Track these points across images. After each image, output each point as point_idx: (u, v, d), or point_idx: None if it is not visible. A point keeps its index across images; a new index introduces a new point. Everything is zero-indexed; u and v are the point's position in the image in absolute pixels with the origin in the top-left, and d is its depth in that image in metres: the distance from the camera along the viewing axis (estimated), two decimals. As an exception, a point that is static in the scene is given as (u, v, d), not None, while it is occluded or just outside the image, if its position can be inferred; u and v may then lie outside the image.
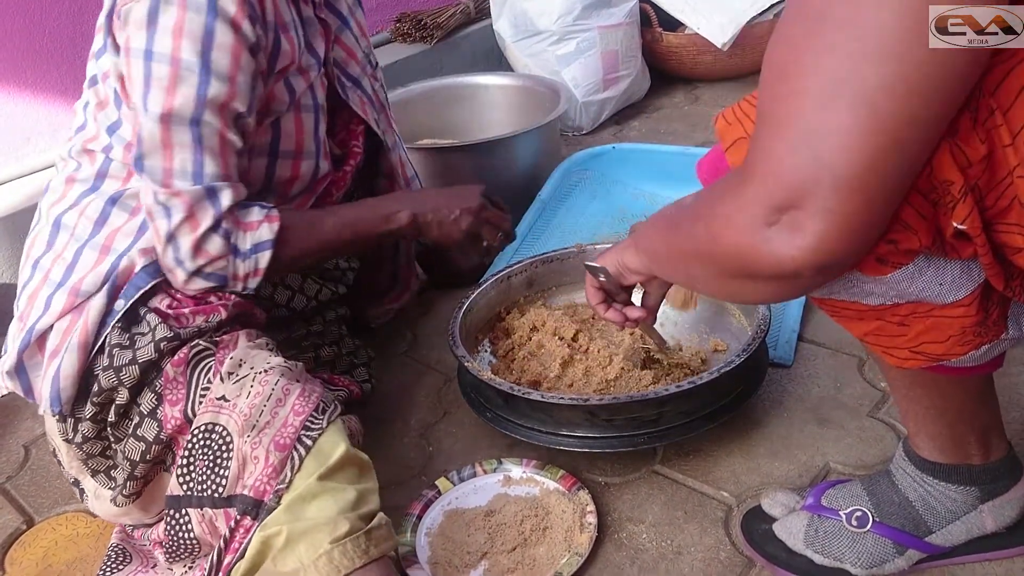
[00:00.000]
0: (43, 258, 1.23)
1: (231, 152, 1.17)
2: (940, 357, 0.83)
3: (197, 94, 1.12)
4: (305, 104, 1.30)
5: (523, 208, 1.92)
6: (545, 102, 2.14)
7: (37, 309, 1.20)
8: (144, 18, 1.11)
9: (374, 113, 1.48)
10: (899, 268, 0.74)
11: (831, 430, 1.33)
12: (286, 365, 1.10)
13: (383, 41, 2.70)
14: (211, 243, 1.16)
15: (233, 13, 1.12)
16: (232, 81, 1.14)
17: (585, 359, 1.40)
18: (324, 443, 1.03)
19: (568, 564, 1.13)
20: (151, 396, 1.13)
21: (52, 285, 1.20)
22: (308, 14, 1.30)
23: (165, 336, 1.13)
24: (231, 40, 1.13)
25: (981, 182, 0.69)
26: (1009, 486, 1.03)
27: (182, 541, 1.08)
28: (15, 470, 1.47)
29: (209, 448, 1.06)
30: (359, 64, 1.45)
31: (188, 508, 1.07)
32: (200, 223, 1.15)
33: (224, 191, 1.16)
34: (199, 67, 1.12)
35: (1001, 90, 0.67)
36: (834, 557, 1.05)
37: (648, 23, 2.69)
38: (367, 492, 1.04)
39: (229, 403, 1.06)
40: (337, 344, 1.45)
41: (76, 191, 1.24)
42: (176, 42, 1.10)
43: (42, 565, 1.27)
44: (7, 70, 1.95)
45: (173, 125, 1.12)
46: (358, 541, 0.98)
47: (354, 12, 1.46)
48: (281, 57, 1.23)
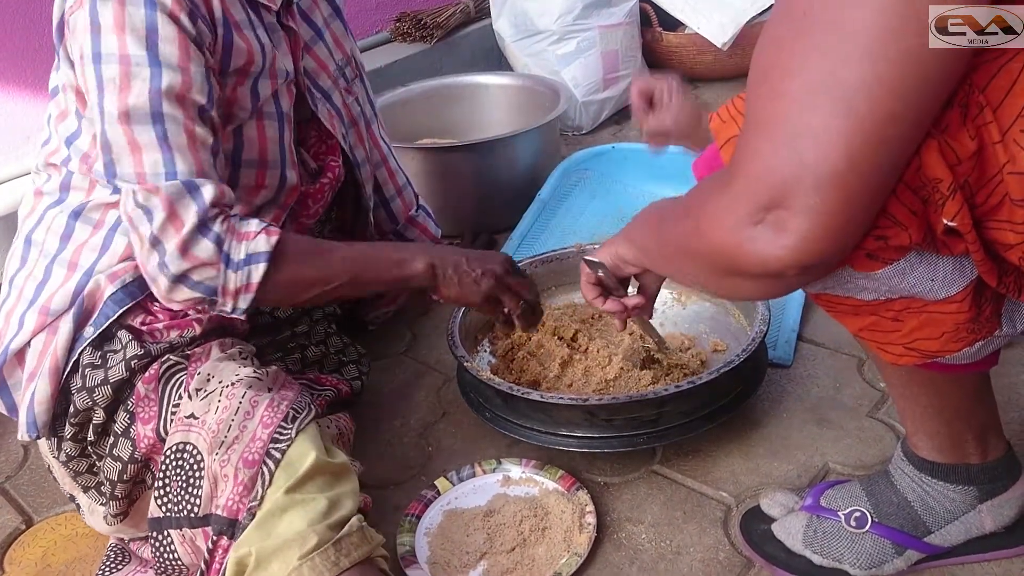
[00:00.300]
0: (17, 276, 1.22)
1: (201, 148, 1.10)
2: (934, 354, 0.83)
3: (151, 87, 1.07)
4: (268, 112, 1.26)
5: (522, 208, 1.92)
6: (545, 102, 2.14)
7: (12, 328, 1.19)
8: (87, 22, 1.07)
9: (342, 128, 1.43)
10: (890, 264, 0.75)
11: (830, 430, 1.33)
12: (255, 375, 1.08)
13: (382, 40, 2.70)
14: (199, 246, 1.07)
15: (170, 6, 1.08)
16: (185, 71, 1.09)
17: (584, 359, 1.40)
18: (293, 454, 1.01)
19: (567, 564, 1.13)
20: (124, 415, 1.12)
21: (25, 303, 1.19)
22: (269, 20, 1.25)
23: (136, 354, 1.12)
24: (174, 31, 1.08)
25: (971, 179, 0.69)
26: (1008, 486, 1.03)
27: (168, 562, 1.08)
28: (14, 470, 1.47)
29: (181, 468, 1.04)
30: (330, 77, 1.41)
31: (168, 529, 1.06)
32: (184, 221, 1.06)
33: (205, 186, 1.08)
34: (148, 60, 1.07)
35: (991, 87, 0.67)
36: (833, 557, 1.05)
37: (648, 23, 2.69)
38: (340, 497, 1.02)
39: (198, 420, 1.05)
40: (324, 343, 1.44)
41: (43, 204, 1.22)
42: (120, 38, 1.07)
43: (41, 565, 1.27)
44: (7, 69, 1.96)
45: (134, 124, 1.07)
46: (327, 554, 0.97)
47: (330, 24, 1.42)
48: (235, 55, 1.18)
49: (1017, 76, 0.67)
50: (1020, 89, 0.67)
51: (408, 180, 1.68)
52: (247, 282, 1.10)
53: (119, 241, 1.18)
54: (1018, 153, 0.67)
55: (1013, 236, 0.70)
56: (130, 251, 1.17)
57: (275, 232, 1.11)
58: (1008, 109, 0.67)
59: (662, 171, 2.01)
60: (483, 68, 2.69)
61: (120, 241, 1.18)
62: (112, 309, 1.15)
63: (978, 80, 0.68)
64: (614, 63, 2.53)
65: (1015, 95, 0.67)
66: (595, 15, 2.47)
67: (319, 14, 1.40)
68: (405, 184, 1.66)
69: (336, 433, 1.27)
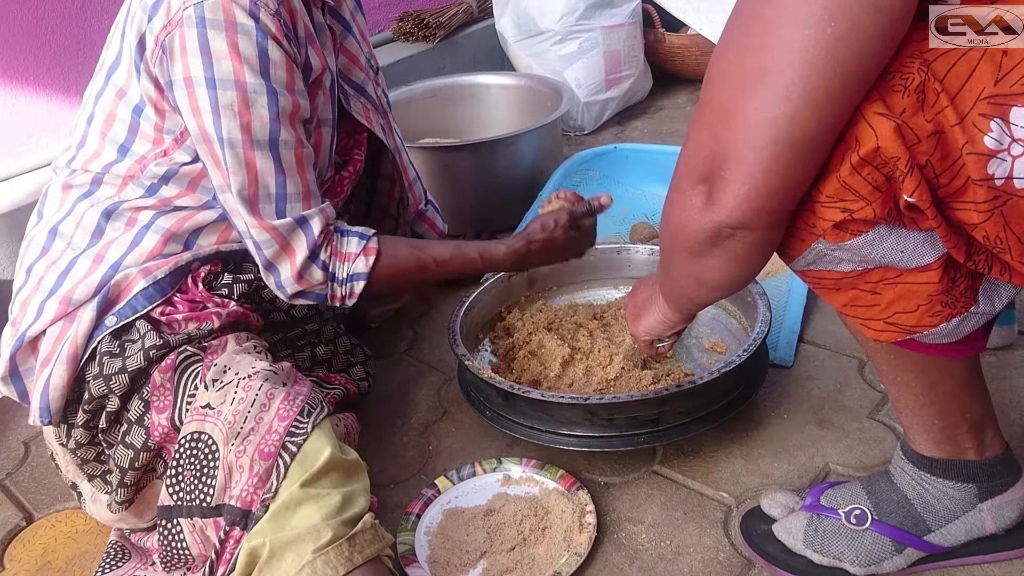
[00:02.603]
0: (37, 264, 1.23)
1: (308, 167, 1.19)
2: (912, 328, 0.85)
3: (269, 113, 1.13)
4: (324, 119, 1.30)
5: (524, 208, 1.92)
6: (547, 102, 2.14)
7: (30, 315, 1.20)
8: (195, 47, 1.10)
9: (378, 119, 1.47)
10: (859, 235, 0.79)
11: (831, 431, 1.33)
12: (271, 369, 1.10)
13: (385, 40, 2.70)
14: (311, 273, 1.20)
15: (275, 30, 1.12)
16: (292, 92, 1.15)
17: (585, 359, 1.40)
18: (309, 448, 1.02)
19: (567, 564, 1.13)
20: (139, 403, 1.13)
21: (45, 291, 1.20)
22: (319, 21, 1.29)
23: (155, 344, 1.13)
24: (281, 55, 1.13)
25: (934, 160, 0.74)
26: (1007, 485, 1.03)
27: (175, 551, 1.08)
28: (15, 467, 1.47)
29: (196, 458, 1.05)
30: (363, 70, 1.44)
31: (179, 518, 1.07)
32: (296, 252, 1.19)
33: (314, 219, 1.19)
34: (265, 88, 1.12)
35: (950, 75, 0.72)
36: (833, 556, 1.05)
37: (651, 24, 2.69)
38: (354, 494, 1.03)
39: (214, 411, 1.06)
40: (333, 342, 1.45)
41: (72, 197, 1.24)
42: (236, 66, 1.10)
43: (42, 561, 1.27)
44: (10, 67, 1.96)
45: (252, 149, 1.13)
46: (341, 549, 0.97)
47: (355, 17, 1.44)
48: (313, 70, 1.23)
49: (977, 63, 0.71)
50: (979, 75, 0.71)
51: (418, 174, 1.70)
52: (351, 292, 1.24)
53: (150, 238, 1.20)
54: (976, 135, 0.71)
55: (976, 215, 0.74)
56: (159, 249, 1.21)
57: (372, 250, 1.24)
58: (967, 94, 0.71)
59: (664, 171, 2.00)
60: (485, 68, 2.69)
61: (151, 239, 1.20)
62: (142, 304, 1.17)
63: (937, 69, 0.72)
64: (616, 63, 2.53)
65: (975, 80, 0.71)
66: (597, 15, 2.47)
67: (346, 7, 1.42)
68: (416, 178, 1.68)
69: (344, 432, 1.28)
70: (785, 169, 0.76)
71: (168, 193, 1.21)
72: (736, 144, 0.76)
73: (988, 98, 0.71)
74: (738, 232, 0.81)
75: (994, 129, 0.71)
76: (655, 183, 2.00)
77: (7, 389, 1.22)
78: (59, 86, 2.02)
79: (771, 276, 1.65)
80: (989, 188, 0.73)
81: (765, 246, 0.84)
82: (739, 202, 0.78)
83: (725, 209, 0.79)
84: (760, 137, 0.74)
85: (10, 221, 1.83)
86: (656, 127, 2.57)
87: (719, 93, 0.78)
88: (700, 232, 0.83)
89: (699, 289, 0.95)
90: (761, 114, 0.74)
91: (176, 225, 1.21)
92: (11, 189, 1.93)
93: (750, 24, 0.75)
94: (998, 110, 0.70)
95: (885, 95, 0.74)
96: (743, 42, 0.75)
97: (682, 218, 0.85)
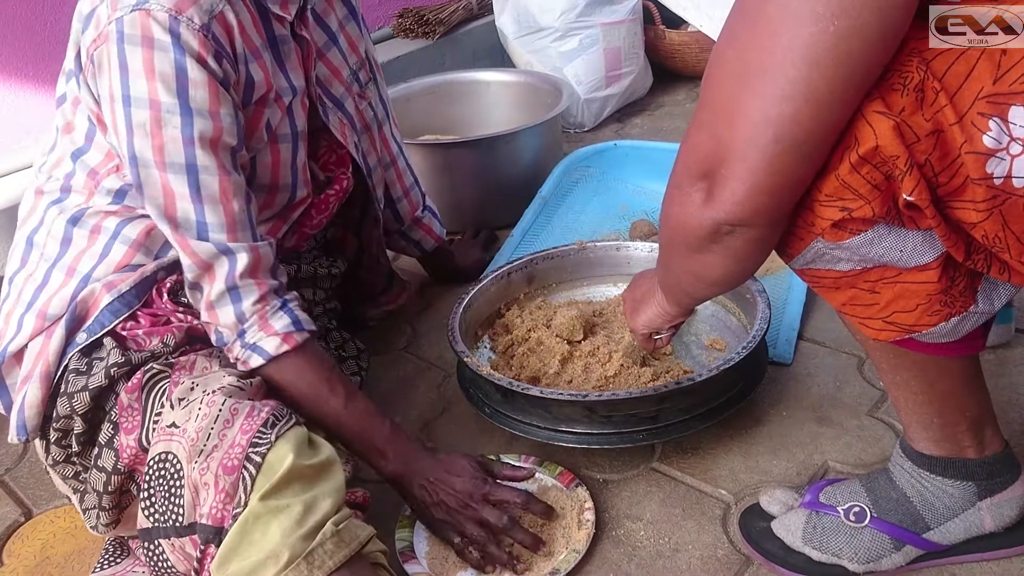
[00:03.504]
0: (17, 276, 1.22)
1: (234, 199, 1.12)
2: (911, 327, 0.85)
3: (183, 135, 1.08)
4: (282, 134, 1.25)
5: (524, 205, 1.92)
6: (547, 99, 2.14)
7: (11, 329, 1.19)
8: (116, 63, 1.06)
9: (354, 136, 1.42)
10: (858, 235, 0.79)
11: (830, 429, 1.33)
12: (237, 384, 1.06)
13: (385, 36, 2.70)
14: (223, 311, 1.13)
15: (197, 49, 1.07)
16: (215, 115, 1.09)
17: (584, 356, 1.40)
18: (272, 458, 0.98)
19: (565, 560, 1.13)
20: (108, 426, 1.11)
21: (23, 305, 1.19)
22: (281, 33, 1.23)
23: (117, 362, 1.11)
24: (203, 75, 1.08)
25: (933, 159, 0.73)
26: (1007, 484, 1.03)
27: (163, 570, 1.07)
28: (14, 462, 1.47)
29: (163, 479, 1.03)
30: (343, 84, 1.39)
31: (158, 539, 1.05)
32: (215, 278, 1.12)
33: (240, 252, 1.12)
34: (179, 108, 1.07)
35: (949, 74, 0.71)
36: (832, 552, 1.05)
37: (651, 20, 2.68)
38: (316, 500, 0.98)
39: (179, 429, 1.03)
40: (324, 338, 1.43)
41: (43, 203, 1.22)
42: (151, 83, 1.06)
43: (40, 557, 1.27)
44: (9, 64, 1.95)
45: (168, 172, 1.08)
46: (299, 569, 0.95)
47: (345, 26, 1.40)
48: (256, 88, 1.18)
49: (976, 62, 0.71)
50: (978, 74, 0.71)
51: (416, 180, 1.68)
52: (245, 361, 1.14)
53: (117, 249, 1.18)
54: (975, 134, 0.71)
55: (975, 214, 0.74)
56: (127, 260, 1.18)
57: (293, 342, 1.14)
58: (966, 93, 0.71)
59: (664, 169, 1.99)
60: (485, 65, 2.68)
61: (119, 249, 1.19)
62: (108, 319, 1.15)
63: (936, 68, 0.72)
64: (617, 60, 2.53)
65: (973, 79, 0.71)
66: (598, 12, 2.47)
67: (334, 17, 1.37)
68: (413, 184, 1.66)
69: None
70: (786, 167, 0.76)
71: (131, 203, 1.19)
72: (737, 142, 0.76)
73: (987, 97, 0.71)
74: (737, 229, 0.81)
75: (993, 128, 0.71)
76: (655, 180, 2.00)
77: None
78: (58, 82, 2.02)
79: (771, 273, 1.64)
80: (988, 187, 0.73)
81: (764, 243, 0.84)
82: (739, 199, 0.78)
83: (725, 206, 0.79)
84: (761, 135, 0.74)
85: (11, 216, 1.83)
86: (656, 124, 2.57)
87: (720, 90, 0.78)
88: (699, 229, 0.83)
89: (697, 284, 0.95)
90: (762, 112, 0.73)
91: (142, 234, 1.19)
92: (10, 185, 1.93)
93: (751, 21, 0.74)
94: (997, 109, 0.70)
95: (884, 94, 0.74)
96: (744, 39, 0.75)
97: (681, 215, 0.85)
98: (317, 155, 1.40)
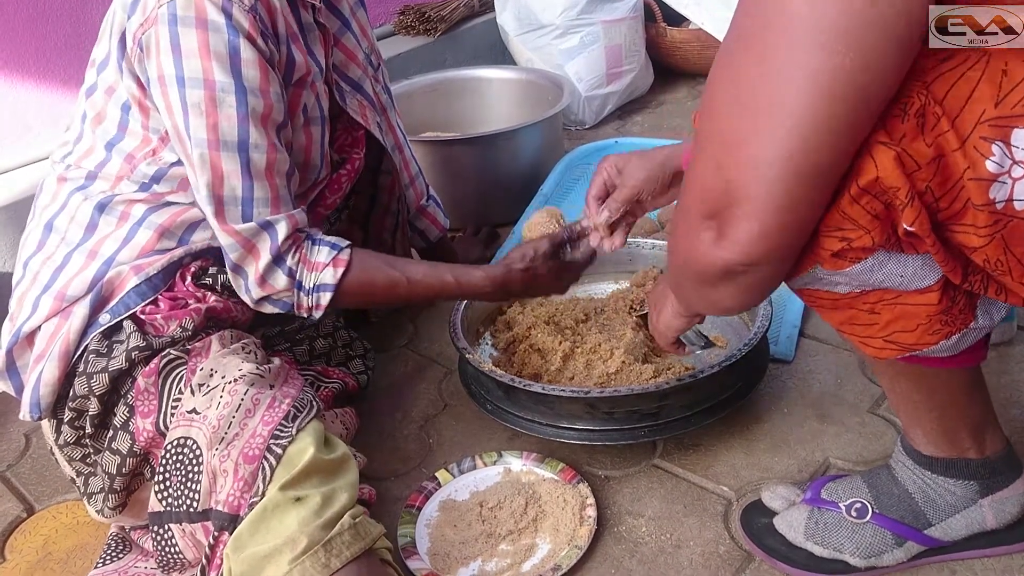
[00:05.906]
0: (33, 259, 1.23)
1: (279, 172, 1.16)
2: (911, 347, 0.84)
3: (238, 113, 1.11)
4: (313, 117, 1.28)
5: (525, 202, 1.92)
6: (548, 96, 2.14)
7: (25, 311, 1.20)
8: (168, 45, 1.09)
9: (375, 116, 1.45)
10: (858, 263, 0.78)
11: (831, 426, 1.33)
12: (258, 372, 1.08)
13: (386, 34, 2.69)
14: (275, 278, 1.17)
15: (248, 28, 1.10)
16: (265, 93, 1.13)
17: (586, 352, 1.40)
18: (293, 451, 1.01)
19: (567, 557, 1.13)
20: (124, 408, 1.12)
21: (40, 287, 1.20)
22: (307, 20, 1.27)
23: (138, 345, 1.12)
24: (254, 54, 1.11)
25: (934, 185, 0.72)
26: (1009, 481, 1.03)
27: (170, 555, 1.08)
28: (16, 458, 1.47)
29: (181, 463, 1.05)
30: (360, 67, 1.42)
31: (169, 524, 1.06)
32: (260, 255, 1.16)
33: (280, 223, 1.16)
34: (234, 87, 1.10)
35: (949, 96, 0.70)
36: (833, 548, 1.06)
37: (652, 18, 2.68)
38: (334, 492, 1.01)
39: (200, 416, 1.05)
40: (332, 336, 1.44)
41: (66, 189, 1.23)
42: (206, 64, 1.09)
43: (42, 553, 1.27)
44: (10, 60, 1.95)
45: (222, 150, 1.11)
46: (317, 556, 0.96)
47: (356, 12, 1.43)
48: (296, 69, 1.21)
49: (976, 84, 0.69)
50: (979, 96, 0.69)
51: (420, 169, 1.69)
52: (317, 303, 1.20)
53: (143, 234, 1.20)
54: (978, 160, 0.69)
55: (977, 239, 0.73)
56: (152, 244, 1.20)
57: (342, 262, 1.19)
58: (968, 116, 0.69)
59: (665, 166, 2.01)
60: (486, 62, 2.68)
61: (144, 234, 1.20)
62: (134, 301, 1.17)
63: (936, 91, 0.70)
64: (618, 58, 2.53)
65: (975, 102, 0.69)
66: (599, 10, 2.47)
67: (346, 3, 1.40)
68: (417, 173, 1.68)
69: (341, 428, 1.28)
70: (798, 204, 0.73)
71: (160, 190, 1.20)
72: (746, 181, 0.72)
73: (989, 120, 0.69)
74: (751, 268, 0.78)
75: (996, 152, 0.69)
76: (656, 177, 2.00)
77: (4, 384, 1.22)
78: (59, 79, 2.02)
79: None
80: (990, 213, 0.71)
81: (776, 278, 0.82)
82: (752, 240, 0.74)
83: (736, 248, 0.76)
84: (773, 174, 0.71)
85: (11, 213, 1.83)
86: (657, 122, 2.57)
87: (723, 124, 0.74)
88: (710, 267, 0.80)
89: (710, 308, 0.95)
90: (772, 150, 0.70)
91: (168, 220, 1.20)
92: (11, 182, 1.93)
93: (751, 49, 0.71)
94: (999, 132, 0.69)
95: (886, 121, 0.71)
96: (745, 70, 0.71)
97: (691, 251, 0.81)
98: (334, 138, 1.42)
